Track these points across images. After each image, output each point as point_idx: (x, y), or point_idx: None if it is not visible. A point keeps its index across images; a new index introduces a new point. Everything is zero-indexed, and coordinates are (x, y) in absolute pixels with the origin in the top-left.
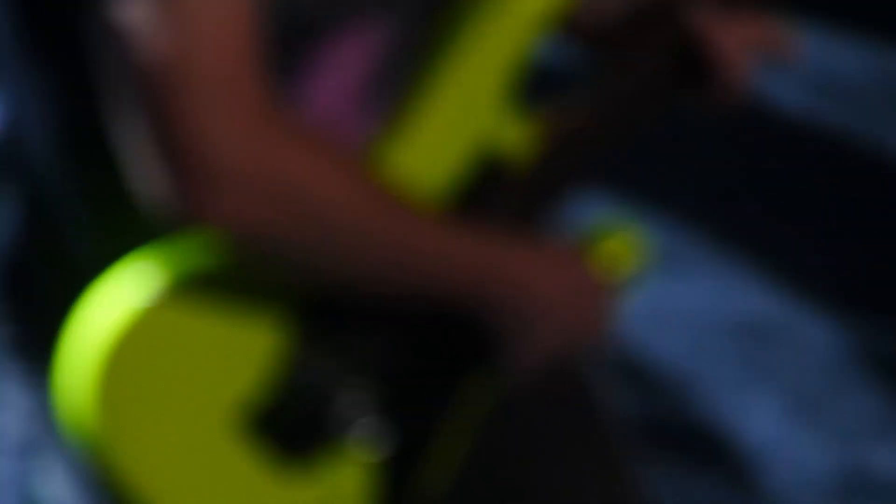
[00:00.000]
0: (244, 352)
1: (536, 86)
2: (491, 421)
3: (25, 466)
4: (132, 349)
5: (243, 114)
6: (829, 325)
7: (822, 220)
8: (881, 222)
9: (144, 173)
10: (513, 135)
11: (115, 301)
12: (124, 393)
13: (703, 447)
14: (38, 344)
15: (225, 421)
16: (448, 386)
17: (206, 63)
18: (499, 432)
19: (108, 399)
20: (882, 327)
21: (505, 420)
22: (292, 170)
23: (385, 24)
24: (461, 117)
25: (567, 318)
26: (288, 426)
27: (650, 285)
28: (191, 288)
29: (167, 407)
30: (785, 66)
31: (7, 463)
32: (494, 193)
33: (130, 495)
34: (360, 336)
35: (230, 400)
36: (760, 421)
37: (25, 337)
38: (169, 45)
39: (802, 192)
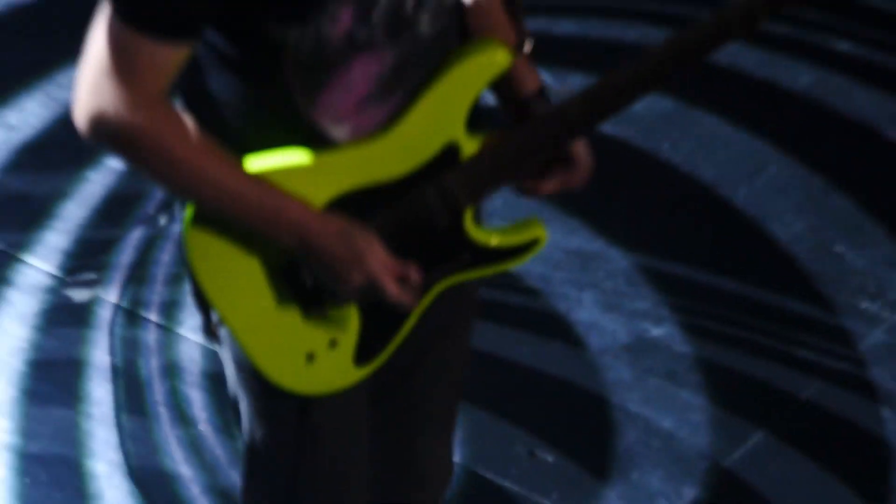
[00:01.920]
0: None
1: None
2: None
3: None
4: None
5: (117, 106)
6: (626, 253)
7: (624, 187)
8: (656, 187)
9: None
10: (469, 138)
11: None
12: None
13: (546, 324)
14: None
15: (273, 275)
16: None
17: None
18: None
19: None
20: (656, 253)
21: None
22: (131, 131)
23: (381, 60)
24: (428, 121)
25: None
26: (304, 287)
27: None
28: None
29: (237, 263)
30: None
31: None
32: (448, 166)
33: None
34: None
35: (275, 264)
36: (584, 309)
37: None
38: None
39: (610, 169)
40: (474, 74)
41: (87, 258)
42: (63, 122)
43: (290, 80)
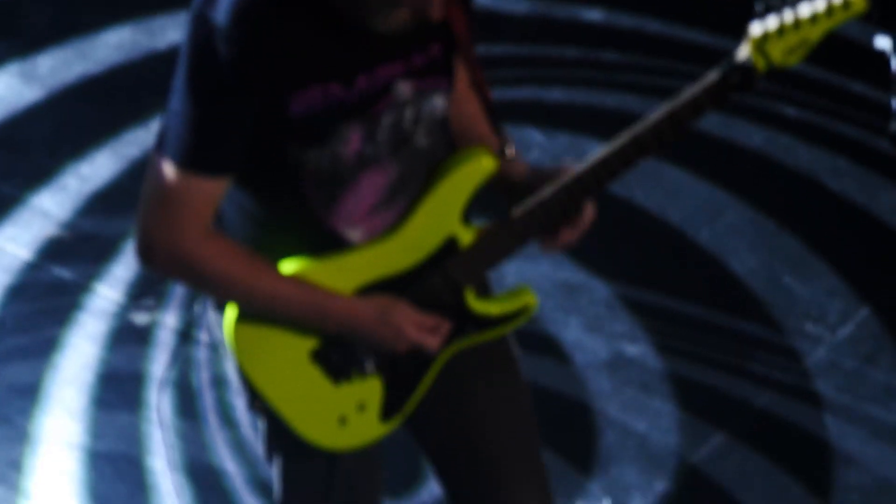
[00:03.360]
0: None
1: None
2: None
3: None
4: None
5: (176, 238)
6: (606, 284)
7: (604, 228)
8: (632, 228)
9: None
10: (465, 230)
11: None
12: (250, 346)
13: (538, 344)
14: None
15: (305, 356)
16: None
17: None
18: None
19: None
20: (632, 284)
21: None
22: (193, 261)
23: (386, 171)
24: (430, 220)
25: (373, 342)
26: (332, 363)
27: (516, 263)
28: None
29: (274, 350)
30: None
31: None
32: (449, 255)
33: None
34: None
35: (306, 347)
36: (570, 330)
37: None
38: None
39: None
40: (467, 179)
41: (147, 288)
42: (127, 172)
43: (310, 194)
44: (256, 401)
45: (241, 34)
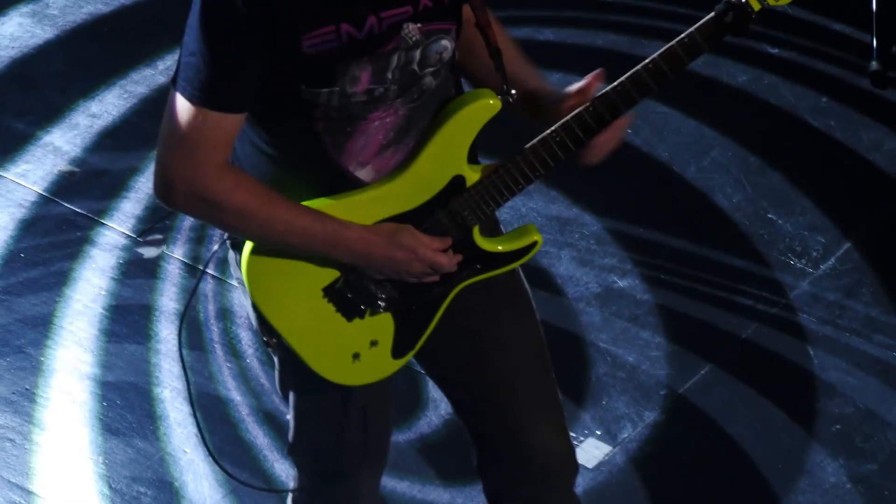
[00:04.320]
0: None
1: None
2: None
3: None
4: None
5: (194, 173)
6: (597, 218)
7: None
8: (621, 164)
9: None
10: (470, 169)
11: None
12: (265, 281)
13: (531, 276)
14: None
15: (319, 293)
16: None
17: (185, 157)
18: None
19: (256, 283)
20: (622, 218)
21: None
22: (211, 195)
23: (395, 112)
24: (437, 159)
25: (389, 267)
26: (346, 300)
27: (514, 201)
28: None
29: (289, 286)
30: None
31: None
32: (456, 194)
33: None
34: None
35: (320, 284)
36: (562, 263)
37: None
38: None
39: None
40: (472, 119)
41: (155, 222)
42: (136, 110)
43: (321, 132)
44: (272, 337)
45: None
